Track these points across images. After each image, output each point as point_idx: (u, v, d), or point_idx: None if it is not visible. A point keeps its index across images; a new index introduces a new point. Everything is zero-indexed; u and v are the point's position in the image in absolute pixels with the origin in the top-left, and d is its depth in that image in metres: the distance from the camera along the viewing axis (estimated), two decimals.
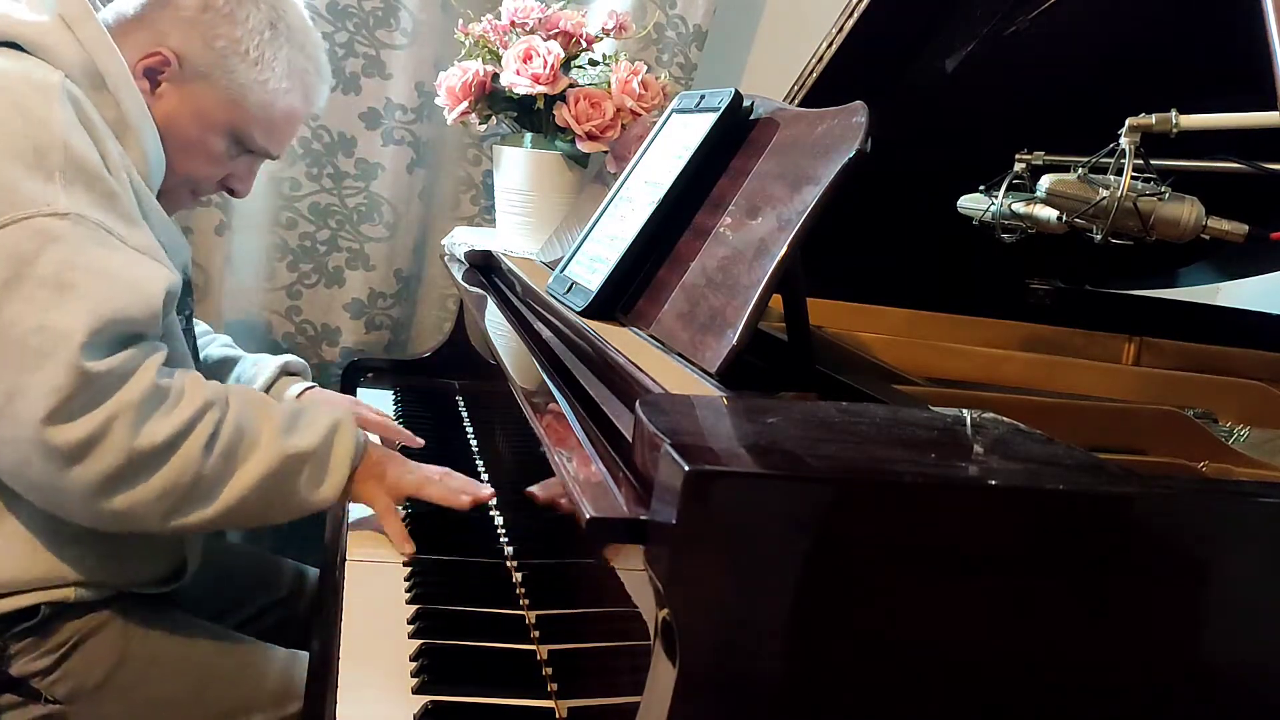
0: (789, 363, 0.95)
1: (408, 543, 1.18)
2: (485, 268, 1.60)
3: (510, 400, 1.07)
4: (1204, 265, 1.61)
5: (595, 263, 1.13)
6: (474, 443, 1.54)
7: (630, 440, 0.71)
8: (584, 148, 1.53)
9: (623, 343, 0.95)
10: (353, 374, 1.81)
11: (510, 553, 1.20)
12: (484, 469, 1.44)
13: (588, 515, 0.64)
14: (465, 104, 1.58)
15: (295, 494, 1.11)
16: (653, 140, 1.23)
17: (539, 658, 0.99)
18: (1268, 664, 0.67)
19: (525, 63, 1.52)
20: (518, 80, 1.52)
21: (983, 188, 1.14)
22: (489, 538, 1.24)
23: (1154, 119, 0.92)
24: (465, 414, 1.68)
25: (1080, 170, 0.95)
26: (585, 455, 0.77)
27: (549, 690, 0.94)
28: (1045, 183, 0.96)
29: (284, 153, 1.36)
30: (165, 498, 1.03)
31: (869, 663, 0.61)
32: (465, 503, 1.17)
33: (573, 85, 1.55)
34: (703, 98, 1.17)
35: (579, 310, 1.07)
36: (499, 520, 1.28)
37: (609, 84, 1.54)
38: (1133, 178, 0.91)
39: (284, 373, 1.50)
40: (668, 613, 0.59)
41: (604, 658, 0.85)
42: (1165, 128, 0.92)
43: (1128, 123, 0.93)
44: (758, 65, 2.09)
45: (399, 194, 1.94)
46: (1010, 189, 1.09)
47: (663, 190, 1.09)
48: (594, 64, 1.63)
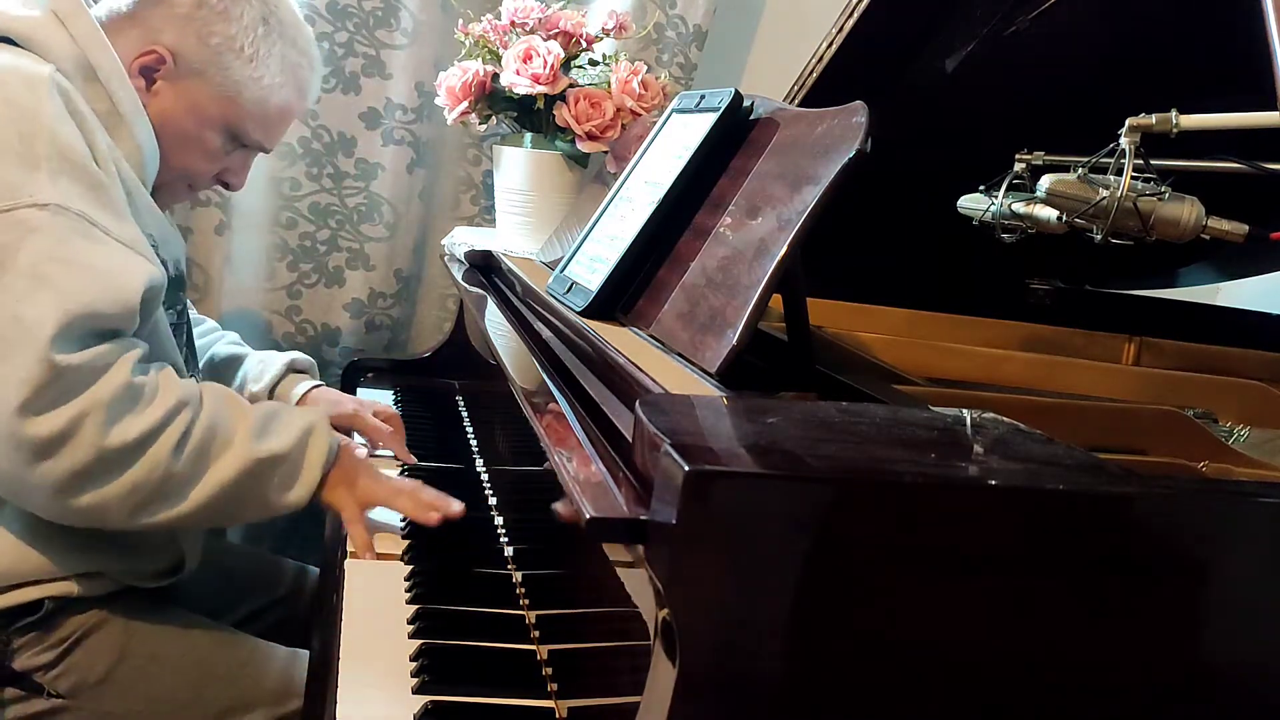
0: (789, 363, 0.95)
1: (370, 550, 1.18)
2: (485, 268, 1.60)
3: (510, 400, 1.07)
4: (1204, 265, 1.61)
5: (595, 263, 1.13)
6: (474, 443, 1.54)
7: (630, 440, 0.71)
8: (584, 148, 1.53)
9: (623, 343, 0.95)
10: (353, 374, 1.81)
11: (510, 553, 1.20)
12: (484, 469, 1.44)
13: (588, 515, 0.64)
14: (465, 104, 1.58)
15: (265, 496, 1.11)
16: (653, 140, 1.23)
17: (539, 658, 0.99)
18: (1268, 664, 0.67)
19: (525, 63, 1.52)
20: (518, 80, 1.52)
21: (983, 188, 1.14)
22: (489, 538, 1.24)
23: (1154, 119, 0.92)
24: (465, 414, 1.67)
25: (1080, 170, 0.95)
26: (585, 455, 0.77)
27: (549, 690, 0.94)
28: (1045, 183, 0.96)
29: (276, 146, 1.36)
30: (132, 495, 1.03)
31: (869, 663, 0.61)
32: (434, 519, 1.15)
33: (573, 85, 1.55)
34: (703, 98, 1.17)
35: (579, 310, 1.07)
36: (499, 520, 1.28)
37: (609, 84, 1.54)
38: (1133, 178, 0.91)
39: (291, 370, 1.50)
40: (668, 613, 0.59)
41: (604, 658, 0.85)
42: (1165, 128, 0.92)
43: (1128, 123, 0.93)
44: (758, 65, 2.09)
45: (399, 194, 1.94)
46: (1010, 189, 1.09)
47: (663, 190, 1.09)
48: (594, 64, 1.63)
